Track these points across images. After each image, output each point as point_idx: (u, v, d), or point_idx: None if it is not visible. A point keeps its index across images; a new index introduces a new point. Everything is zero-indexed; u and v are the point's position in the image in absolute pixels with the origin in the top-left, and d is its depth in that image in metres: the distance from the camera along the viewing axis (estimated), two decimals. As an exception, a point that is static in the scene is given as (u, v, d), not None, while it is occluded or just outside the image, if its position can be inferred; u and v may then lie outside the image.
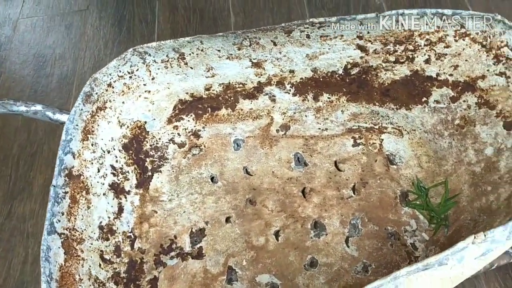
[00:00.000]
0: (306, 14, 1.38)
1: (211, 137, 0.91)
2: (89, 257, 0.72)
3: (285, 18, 1.38)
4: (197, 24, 1.42)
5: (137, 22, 1.47)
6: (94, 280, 0.70)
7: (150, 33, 1.44)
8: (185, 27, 1.42)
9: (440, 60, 0.80)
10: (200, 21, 1.43)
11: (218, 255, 0.80)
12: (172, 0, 1.50)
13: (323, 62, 0.85)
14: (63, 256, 0.68)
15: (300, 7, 1.40)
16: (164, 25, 1.44)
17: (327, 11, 1.38)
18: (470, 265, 0.57)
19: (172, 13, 1.46)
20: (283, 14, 1.39)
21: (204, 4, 1.47)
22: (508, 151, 0.74)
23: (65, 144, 0.75)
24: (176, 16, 1.45)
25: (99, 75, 0.82)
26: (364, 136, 0.88)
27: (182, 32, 1.42)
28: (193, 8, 1.46)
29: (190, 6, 1.47)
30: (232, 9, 1.44)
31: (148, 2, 1.51)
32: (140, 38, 1.45)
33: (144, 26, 1.45)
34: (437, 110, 0.84)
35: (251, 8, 1.43)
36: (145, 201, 0.84)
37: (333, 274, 0.76)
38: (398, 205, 0.82)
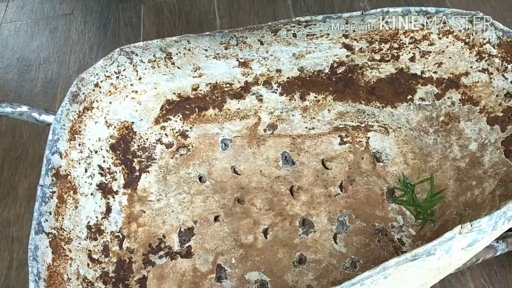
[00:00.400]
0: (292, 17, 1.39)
1: (198, 137, 0.91)
2: (77, 257, 0.71)
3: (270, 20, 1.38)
4: (183, 28, 1.42)
5: (122, 25, 1.46)
6: (82, 280, 0.70)
7: (136, 36, 1.43)
8: (171, 30, 1.42)
9: (425, 58, 0.81)
10: (185, 24, 1.43)
11: (207, 253, 0.80)
12: (157, 3, 1.50)
13: (310, 61, 0.86)
14: (51, 256, 0.67)
15: (285, 10, 1.42)
16: (150, 28, 1.44)
17: (312, 13, 1.39)
18: (457, 256, 0.58)
19: (157, 16, 1.46)
20: (268, 17, 1.40)
21: (190, 7, 1.47)
22: (492, 146, 0.75)
23: (52, 144, 0.75)
24: (161, 20, 1.45)
25: (86, 75, 0.81)
26: (351, 134, 0.89)
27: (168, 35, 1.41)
28: (179, 11, 1.47)
29: (175, 9, 1.47)
30: (217, 12, 1.44)
31: (133, 6, 1.51)
32: (125, 41, 1.44)
33: (129, 29, 1.45)
34: (422, 107, 0.85)
35: (236, 11, 1.44)
36: (133, 201, 0.84)
37: (321, 271, 0.76)
38: (385, 201, 0.83)
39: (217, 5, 1.47)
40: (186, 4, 1.49)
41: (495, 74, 0.75)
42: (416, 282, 0.59)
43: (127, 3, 1.52)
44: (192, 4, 1.48)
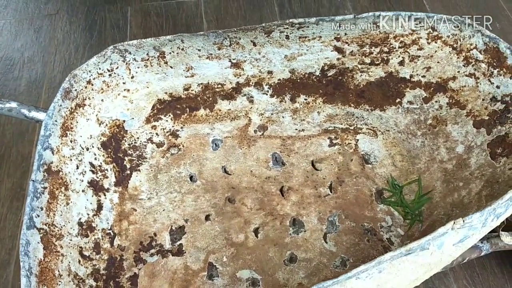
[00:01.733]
0: (279, 23, 1.41)
1: (189, 137, 0.92)
2: (69, 253, 0.71)
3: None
4: (170, 31, 1.42)
5: (109, 27, 1.46)
6: (73, 276, 0.69)
7: (122, 38, 1.43)
8: (158, 33, 1.42)
9: (414, 62, 0.84)
10: (173, 27, 1.43)
11: (198, 252, 0.80)
12: (144, 6, 1.50)
13: (301, 63, 0.88)
14: (42, 251, 0.67)
15: (272, 16, 1.43)
16: (137, 30, 1.44)
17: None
18: (449, 251, 0.59)
19: (144, 19, 1.46)
20: (255, 22, 1.41)
21: (177, 10, 1.48)
22: (478, 148, 0.78)
23: (44, 139, 0.74)
24: (148, 22, 1.45)
25: (79, 71, 0.81)
26: (340, 136, 0.91)
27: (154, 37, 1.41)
28: (166, 14, 1.47)
29: (162, 12, 1.47)
30: (204, 16, 1.45)
31: (119, 8, 1.51)
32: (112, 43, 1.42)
33: (116, 31, 1.45)
34: (410, 110, 0.87)
35: (223, 16, 1.45)
36: (124, 199, 0.83)
37: (312, 269, 0.77)
38: (374, 202, 0.84)
39: (204, 10, 1.48)
40: (173, 8, 1.49)
41: (482, 79, 0.78)
42: (409, 277, 0.61)
43: (113, 5, 1.52)
44: (179, 7, 1.49)
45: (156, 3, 1.51)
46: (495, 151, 0.75)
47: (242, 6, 1.47)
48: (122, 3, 1.52)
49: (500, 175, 0.72)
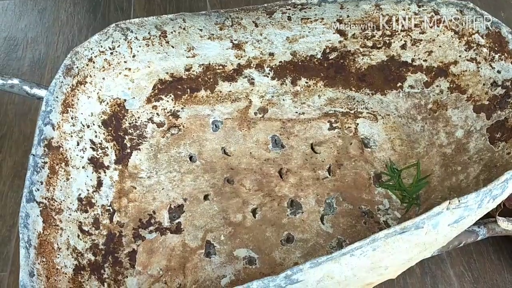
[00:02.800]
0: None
1: (189, 118, 0.92)
2: (68, 227, 0.71)
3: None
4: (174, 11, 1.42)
5: (113, 9, 1.46)
6: (72, 250, 0.70)
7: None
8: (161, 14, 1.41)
9: (416, 46, 0.84)
10: (176, 10, 1.43)
11: (196, 230, 0.80)
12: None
13: (303, 45, 0.88)
14: (42, 225, 0.67)
15: (277, 1, 1.42)
16: (140, 13, 1.44)
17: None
18: (444, 232, 0.60)
19: (147, 2, 1.46)
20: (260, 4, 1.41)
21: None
22: (477, 133, 0.78)
23: (45, 114, 0.75)
24: (152, 5, 1.45)
25: (81, 48, 0.81)
26: (340, 120, 0.91)
27: (158, 20, 1.41)
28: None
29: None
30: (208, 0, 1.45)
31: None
32: (115, 25, 1.43)
33: (119, 13, 1.44)
34: (411, 95, 0.87)
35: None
36: (124, 177, 0.84)
37: (309, 249, 0.78)
38: (372, 185, 0.85)
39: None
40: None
41: (483, 64, 0.78)
42: (403, 256, 0.61)
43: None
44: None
45: (160, -14, 1.50)
46: (494, 136, 0.75)
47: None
48: (127, -15, 1.52)
49: (499, 160, 0.72)
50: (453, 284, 0.87)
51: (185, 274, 0.76)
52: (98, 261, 0.73)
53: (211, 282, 0.75)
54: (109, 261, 0.75)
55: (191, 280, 0.75)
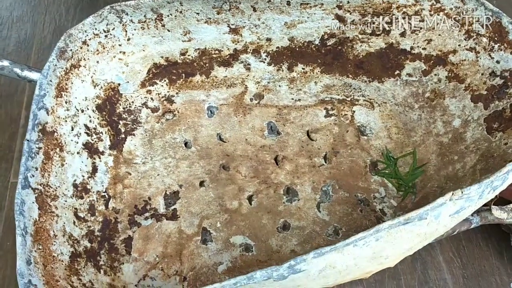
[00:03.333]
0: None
1: (184, 103, 0.91)
2: (63, 214, 0.70)
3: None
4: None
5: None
6: (68, 237, 0.69)
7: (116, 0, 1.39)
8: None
9: (415, 34, 0.83)
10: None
11: (192, 217, 0.80)
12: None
13: (301, 31, 0.87)
14: (37, 212, 0.66)
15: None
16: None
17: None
18: (444, 222, 0.60)
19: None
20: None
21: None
22: (474, 123, 0.78)
23: (39, 99, 0.73)
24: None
25: (74, 31, 0.79)
26: (336, 107, 0.91)
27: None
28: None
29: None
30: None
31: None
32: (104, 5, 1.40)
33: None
34: (408, 83, 0.87)
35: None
36: (119, 162, 0.83)
37: (305, 237, 0.78)
38: (368, 173, 0.85)
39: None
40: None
41: (482, 53, 0.78)
42: (404, 246, 0.61)
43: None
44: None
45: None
46: (491, 126, 0.76)
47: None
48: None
49: (496, 150, 0.73)
50: (442, 270, 0.89)
51: (181, 261, 0.75)
52: (94, 248, 0.72)
53: (207, 269, 0.75)
54: (105, 248, 0.74)
55: (187, 267, 0.75)
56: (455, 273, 0.88)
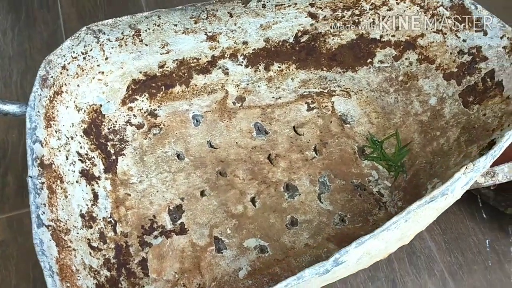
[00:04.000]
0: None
1: (168, 115, 0.90)
2: (79, 247, 0.68)
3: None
4: (105, 6, 1.36)
5: (37, 7, 1.36)
6: (89, 269, 0.67)
7: (54, 18, 1.34)
8: (93, 10, 1.35)
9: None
10: (108, 3, 1.37)
11: (201, 228, 0.80)
12: (72, -18, 1.41)
13: (276, 31, 0.89)
14: (56, 249, 0.64)
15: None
16: (69, 9, 1.35)
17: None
18: (456, 194, 0.65)
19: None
20: None
21: (109, -16, 1.41)
22: (450, 99, 0.85)
23: (32, 132, 0.70)
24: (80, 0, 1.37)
25: (53, 57, 0.76)
26: (316, 100, 0.94)
27: (91, 15, 1.35)
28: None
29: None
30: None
31: (45, -15, 1.40)
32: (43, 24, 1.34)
33: (45, 11, 1.35)
34: (381, 69, 0.92)
35: (160, -16, 1.40)
36: (116, 185, 0.81)
37: (314, 229, 0.81)
38: (358, 159, 0.89)
39: (138, -20, 1.42)
40: (105, -19, 1.42)
41: (448, 34, 0.84)
42: (425, 222, 0.66)
43: (37, -17, 1.41)
44: (110, -20, 1.42)
45: (85, -22, 1.42)
46: (467, 100, 0.82)
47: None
48: (46, -20, 1.42)
49: (476, 121, 0.79)
50: (425, 239, 0.95)
51: (201, 273, 0.76)
52: (114, 276, 0.71)
53: (229, 277, 0.76)
54: (123, 274, 0.72)
55: (209, 278, 0.75)
56: (437, 239, 0.95)
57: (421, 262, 0.92)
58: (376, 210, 0.83)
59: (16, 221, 0.94)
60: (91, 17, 1.32)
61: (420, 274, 0.91)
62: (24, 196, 0.96)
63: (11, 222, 0.94)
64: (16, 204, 0.96)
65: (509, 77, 0.77)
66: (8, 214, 0.95)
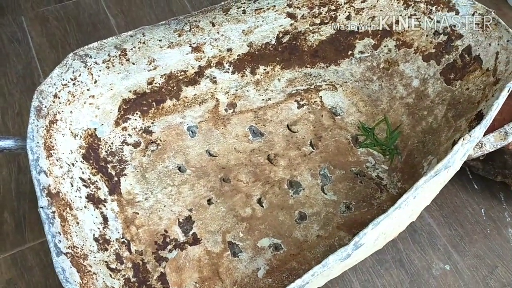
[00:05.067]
0: (187, 5, 1.41)
1: (163, 130, 0.91)
2: (99, 270, 0.68)
3: (166, 11, 1.39)
4: (76, 32, 1.36)
5: (7, 42, 1.35)
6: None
7: (27, 51, 1.33)
8: (64, 38, 1.35)
9: (359, 15, 0.91)
10: (78, 28, 1.37)
11: (214, 235, 0.81)
12: (39, 13, 1.40)
13: (258, 35, 0.91)
14: (78, 274, 0.64)
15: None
16: (39, 39, 1.35)
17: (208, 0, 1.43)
18: (456, 166, 0.68)
19: (43, 26, 1.37)
20: (163, 8, 1.40)
21: (76, 11, 1.41)
22: (432, 79, 0.88)
23: (35, 163, 0.69)
24: (49, 29, 1.37)
25: (45, 86, 0.76)
26: (305, 97, 0.96)
27: (62, 43, 1.34)
28: (66, 17, 1.39)
29: (61, 15, 1.39)
30: (108, 11, 1.41)
31: (12, 19, 1.39)
32: (16, 58, 1.33)
33: (16, 45, 1.34)
34: (362, 59, 0.95)
35: (128, 7, 1.41)
36: (123, 205, 0.81)
37: (323, 220, 0.83)
38: (353, 148, 0.92)
39: (105, 4, 1.43)
40: (71, 9, 1.42)
41: (422, 18, 0.88)
42: (430, 196, 0.69)
43: (3, 17, 1.40)
44: (77, 7, 1.42)
45: (51, 7, 1.42)
46: (448, 77, 0.86)
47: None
48: (13, 14, 1.41)
49: (460, 96, 0.83)
50: (424, 216, 0.98)
51: (221, 279, 0.77)
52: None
53: (249, 278, 0.77)
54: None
55: (229, 283, 0.76)
56: (435, 215, 0.98)
57: (423, 239, 0.95)
58: (378, 193, 0.86)
59: (20, 258, 0.93)
60: (63, 44, 1.32)
61: (424, 250, 0.94)
62: (24, 232, 0.95)
63: (15, 260, 0.93)
64: (17, 241, 0.95)
65: (485, 50, 0.81)
66: (11, 252, 0.94)
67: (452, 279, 0.88)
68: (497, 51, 0.78)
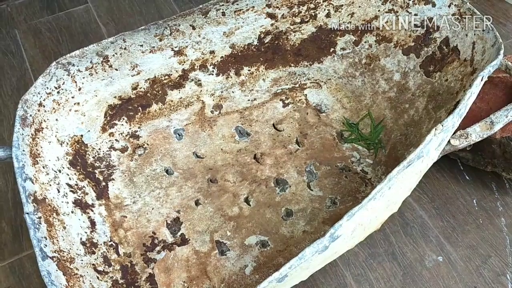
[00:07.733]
0: (177, 11, 1.43)
1: (150, 135, 0.92)
2: (86, 273, 0.70)
3: (156, 18, 1.41)
4: (68, 42, 1.38)
5: (1, 55, 1.37)
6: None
7: (20, 62, 1.35)
8: (57, 48, 1.37)
9: (338, 12, 0.92)
10: (70, 39, 1.39)
11: (201, 235, 0.82)
12: (31, 25, 1.43)
13: (239, 36, 0.92)
14: (64, 277, 0.65)
15: (168, 5, 1.45)
16: (33, 51, 1.37)
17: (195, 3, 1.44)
18: (432, 156, 0.69)
19: (36, 38, 1.40)
20: (153, 14, 1.42)
21: (68, 21, 1.43)
22: (412, 72, 0.89)
23: (20, 171, 0.71)
24: (42, 40, 1.39)
25: (29, 95, 0.78)
26: (290, 96, 0.98)
27: (55, 54, 1.36)
28: (58, 28, 1.41)
29: (53, 27, 1.42)
30: (99, 20, 1.43)
31: (5, 33, 1.42)
32: (11, 70, 1.36)
33: (10, 57, 1.36)
34: (344, 56, 0.96)
35: (119, 15, 1.43)
36: (110, 209, 0.83)
37: (309, 216, 0.84)
38: (338, 144, 0.93)
39: (96, 14, 1.45)
40: (63, 20, 1.44)
41: (400, 12, 0.89)
42: (408, 187, 0.70)
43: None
44: (69, 18, 1.44)
45: (44, 19, 1.44)
46: (428, 70, 0.87)
47: (134, 1, 1.46)
48: (6, 27, 1.44)
49: (440, 88, 0.84)
50: (415, 209, 0.98)
51: (209, 277, 0.78)
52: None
53: (236, 276, 0.78)
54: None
55: (217, 281, 0.78)
56: (426, 207, 0.99)
57: (415, 231, 0.95)
58: (363, 187, 0.87)
59: (18, 266, 0.94)
60: (56, 55, 1.34)
61: (417, 243, 0.94)
62: (22, 240, 0.97)
63: (13, 268, 0.94)
64: (15, 249, 0.97)
65: (462, 41, 0.81)
66: (9, 260, 0.96)
67: (445, 270, 0.88)
68: (474, 41, 0.79)
